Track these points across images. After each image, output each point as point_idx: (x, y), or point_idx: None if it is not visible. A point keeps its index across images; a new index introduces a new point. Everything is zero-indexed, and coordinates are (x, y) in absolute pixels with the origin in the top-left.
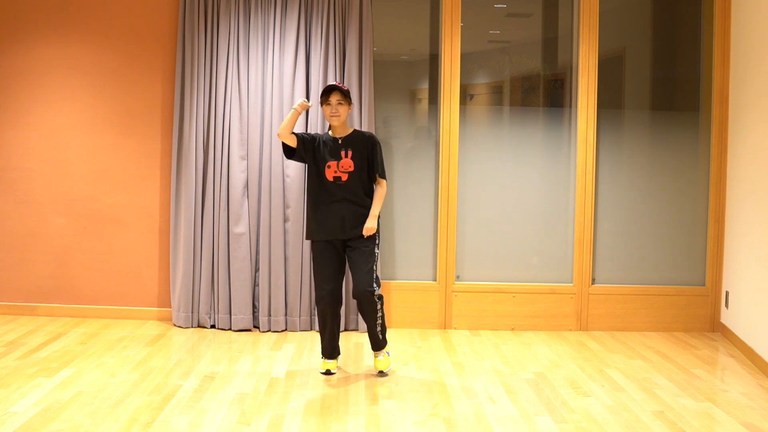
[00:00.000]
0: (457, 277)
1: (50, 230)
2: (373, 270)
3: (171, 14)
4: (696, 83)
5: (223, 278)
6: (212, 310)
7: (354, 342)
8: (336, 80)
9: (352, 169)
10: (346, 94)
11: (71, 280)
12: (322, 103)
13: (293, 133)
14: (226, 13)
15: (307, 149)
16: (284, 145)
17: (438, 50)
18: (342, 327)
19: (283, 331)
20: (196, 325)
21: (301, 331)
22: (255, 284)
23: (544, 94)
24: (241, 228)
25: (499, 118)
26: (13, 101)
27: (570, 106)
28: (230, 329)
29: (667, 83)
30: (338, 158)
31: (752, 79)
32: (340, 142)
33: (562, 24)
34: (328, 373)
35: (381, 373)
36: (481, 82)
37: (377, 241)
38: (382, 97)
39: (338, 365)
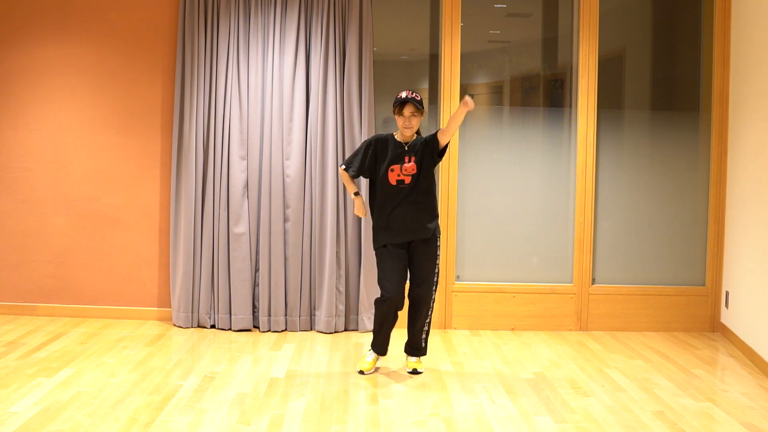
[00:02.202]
0: (457, 277)
1: (50, 230)
2: (435, 274)
3: (171, 14)
4: (696, 83)
5: (223, 278)
6: (212, 310)
7: (354, 342)
8: (336, 81)
9: (414, 171)
10: (419, 105)
11: (71, 280)
12: (395, 112)
13: (353, 174)
14: (226, 13)
15: (367, 172)
16: None
17: (438, 50)
18: (343, 327)
19: (283, 331)
20: (196, 325)
21: (301, 331)
22: (255, 284)
23: (544, 94)
24: (241, 228)
25: (499, 118)
26: (13, 101)
27: (570, 106)
28: (230, 329)
29: (667, 83)
30: (402, 162)
31: (752, 80)
32: (406, 147)
33: (562, 24)
34: (362, 373)
35: (414, 371)
36: (481, 82)
37: (439, 244)
38: (382, 97)
39: (377, 365)
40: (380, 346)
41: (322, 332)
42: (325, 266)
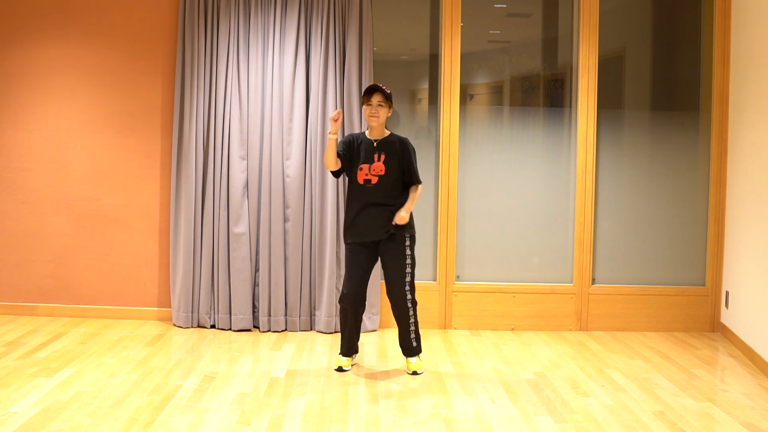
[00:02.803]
0: (457, 277)
1: (50, 230)
2: (406, 274)
3: (171, 14)
4: (696, 83)
5: (223, 278)
6: (212, 310)
7: None
8: (336, 81)
9: (383, 172)
10: (387, 97)
11: (71, 280)
12: (362, 103)
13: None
14: (226, 13)
15: (348, 159)
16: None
17: (438, 50)
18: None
19: (283, 331)
20: (196, 325)
21: (301, 331)
22: (255, 284)
23: (544, 94)
24: (241, 228)
25: (499, 118)
26: (13, 101)
27: (570, 106)
28: (230, 329)
29: (667, 83)
30: (371, 161)
31: (752, 80)
32: (375, 145)
33: (562, 24)
34: (340, 369)
35: (414, 373)
36: (481, 82)
37: (409, 244)
38: None
39: (353, 363)
40: (345, 347)
41: (322, 332)
42: (325, 266)
